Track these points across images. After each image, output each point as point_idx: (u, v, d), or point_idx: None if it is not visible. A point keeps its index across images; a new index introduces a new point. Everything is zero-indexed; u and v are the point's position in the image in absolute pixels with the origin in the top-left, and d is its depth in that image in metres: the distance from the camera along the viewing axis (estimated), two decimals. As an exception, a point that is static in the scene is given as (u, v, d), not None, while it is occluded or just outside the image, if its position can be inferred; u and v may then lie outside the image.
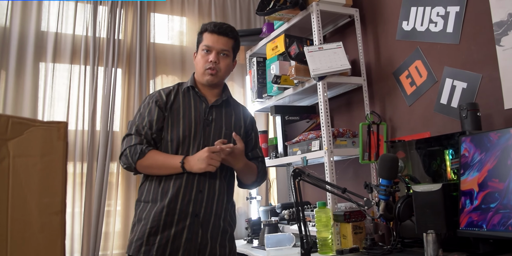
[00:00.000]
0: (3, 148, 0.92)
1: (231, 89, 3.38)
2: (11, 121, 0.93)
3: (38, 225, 0.97)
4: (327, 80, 2.46)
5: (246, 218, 3.13)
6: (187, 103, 1.93)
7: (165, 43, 3.28)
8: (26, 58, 2.80)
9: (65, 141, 1.02)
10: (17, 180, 0.94)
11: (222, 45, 1.92)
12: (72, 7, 2.96)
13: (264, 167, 2.07)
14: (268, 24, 3.07)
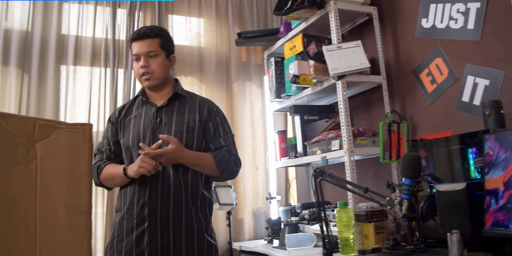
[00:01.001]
0: (31, 150, 0.93)
1: (249, 89, 3.40)
2: (38, 124, 0.94)
3: (66, 225, 0.98)
4: (346, 79, 2.44)
5: (266, 218, 3.13)
6: (139, 112, 1.99)
7: (183, 44, 3.30)
8: (47, 61, 2.85)
9: (90, 143, 1.03)
10: (45, 181, 0.95)
11: (146, 48, 1.92)
12: (92, 11, 3.00)
13: (227, 156, 1.92)
14: (285, 23, 3.07)
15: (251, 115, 3.38)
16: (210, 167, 1.89)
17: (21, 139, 0.92)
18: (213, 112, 2.00)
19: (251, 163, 3.32)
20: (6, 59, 2.77)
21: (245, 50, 3.47)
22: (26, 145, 0.93)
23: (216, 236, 3.05)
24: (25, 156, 0.92)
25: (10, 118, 0.90)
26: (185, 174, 1.88)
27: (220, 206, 2.86)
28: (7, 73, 2.77)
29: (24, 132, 0.92)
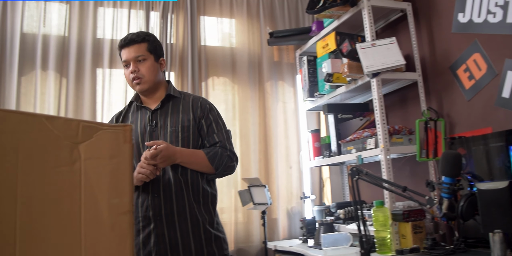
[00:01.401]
0: (75, 151, 0.95)
1: (281, 89, 3.40)
2: (81, 125, 0.97)
3: (109, 224, 1.00)
4: (381, 77, 2.41)
5: (301, 218, 3.12)
6: (135, 118, 2.02)
7: (216, 45, 3.33)
8: (84, 65, 2.92)
9: (131, 144, 1.05)
10: (88, 181, 0.98)
11: (134, 53, 1.93)
12: (126, 14, 3.06)
13: (220, 151, 1.91)
14: (317, 22, 3.05)
15: (284, 115, 3.37)
16: (203, 164, 1.89)
17: (65, 141, 0.94)
18: (206, 109, 2.00)
19: (284, 163, 3.32)
20: (45, 63, 2.86)
21: (277, 49, 3.47)
22: (70, 146, 0.95)
23: (251, 235, 3.12)
24: (69, 157, 0.95)
25: (55, 120, 0.93)
26: (185, 174, 1.89)
27: (255, 205, 2.86)
28: (46, 77, 2.86)
29: (68, 133, 0.95)
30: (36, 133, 0.90)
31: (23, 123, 0.89)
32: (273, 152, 3.28)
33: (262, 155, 3.26)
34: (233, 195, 3.13)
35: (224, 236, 1.97)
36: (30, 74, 2.87)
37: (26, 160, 0.89)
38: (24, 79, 2.85)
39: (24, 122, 0.89)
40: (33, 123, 0.90)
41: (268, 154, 3.27)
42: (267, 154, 3.27)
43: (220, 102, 3.23)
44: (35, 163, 0.90)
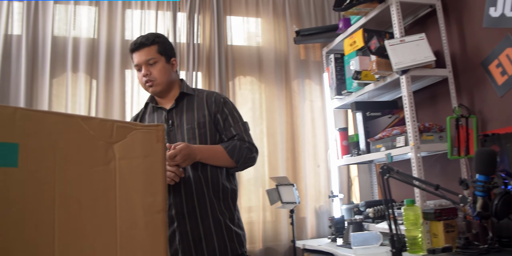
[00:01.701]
0: (110, 151, 0.97)
1: (308, 87, 3.39)
2: (116, 126, 0.98)
3: (143, 223, 1.02)
4: (410, 74, 2.38)
5: (329, 217, 3.10)
6: (151, 119, 2.05)
7: (242, 44, 3.34)
8: (113, 66, 2.98)
9: (163, 143, 1.06)
10: (123, 181, 0.99)
11: (144, 57, 1.94)
12: (153, 15, 3.10)
13: (239, 144, 1.91)
14: (344, 19, 3.03)
15: (311, 113, 3.36)
16: (224, 158, 1.88)
17: (100, 141, 0.96)
18: (220, 103, 1.99)
19: (312, 161, 3.31)
20: (75, 65, 2.92)
21: (303, 48, 3.45)
22: (105, 146, 0.97)
23: (279, 234, 3.12)
24: (104, 157, 0.97)
25: (91, 120, 0.95)
26: (204, 170, 1.89)
27: (283, 204, 2.86)
28: (77, 79, 2.92)
29: (103, 134, 0.96)
30: (72, 133, 0.92)
31: (60, 124, 0.91)
32: (300, 150, 3.27)
33: (290, 153, 3.25)
34: (261, 194, 3.13)
35: (243, 232, 1.98)
36: (61, 76, 2.93)
37: (63, 160, 0.91)
38: (56, 81, 2.92)
39: (61, 123, 0.91)
40: (69, 124, 0.92)
41: (295, 152, 3.26)
42: (294, 153, 3.26)
43: (247, 101, 3.24)
44: (71, 163, 0.92)
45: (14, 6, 2.90)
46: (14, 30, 2.88)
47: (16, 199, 0.85)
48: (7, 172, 0.84)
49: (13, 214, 0.85)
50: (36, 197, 0.87)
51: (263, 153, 3.20)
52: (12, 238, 0.84)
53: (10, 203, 0.84)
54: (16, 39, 2.86)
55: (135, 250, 1.00)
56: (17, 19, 2.89)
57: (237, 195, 2.01)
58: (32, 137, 0.87)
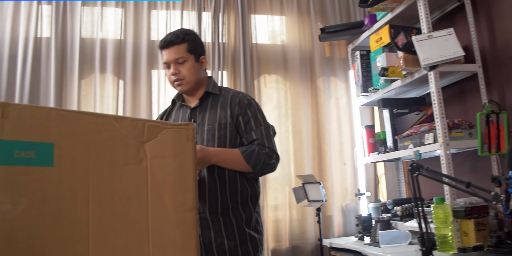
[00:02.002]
0: (141, 150, 0.99)
1: (334, 84, 3.37)
2: (147, 125, 1.00)
3: (175, 221, 1.03)
4: (439, 69, 2.34)
5: (356, 215, 3.08)
6: (176, 116, 2.02)
7: (267, 43, 3.34)
8: (140, 67, 3.02)
9: (193, 142, 1.08)
10: (155, 179, 1.01)
11: (173, 55, 1.90)
12: (178, 16, 3.13)
13: (257, 149, 1.82)
14: (370, 15, 3.00)
15: (336, 111, 3.34)
16: (240, 163, 1.81)
17: (132, 140, 0.97)
18: (244, 105, 1.91)
19: (338, 159, 3.29)
20: (103, 67, 2.98)
21: (328, 45, 3.43)
22: (137, 145, 0.98)
23: (306, 232, 3.11)
24: (136, 155, 0.98)
25: (122, 120, 0.96)
26: (222, 173, 1.83)
27: (309, 202, 2.85)
28: (104, 80, 2.98)
29: (134, 133, 0.98)
30: (105, 133, 0.94)
31: (93, 124, 0.93)
32: (326, 148, 3.25)
33: (316, 152, 3.24)
34: (287, 192, 3.13)
35: (260, 236, 1.90)
36: (89, 77, 3.00)
37: (96, 159, 0.92)
38: (84, 82, 2.98)
39: (94, 122, 0.93)
40: (102, 124, 0.94)
41: (321, 150, 3.25)
42: (320, 151, 3.25)
43: (272, 100, 3.24)
44: (105, 162, 0.93)
45: (43, 9, 2.97)
46: (44, 33, 2.96)
47: (52, 197, 0.87)
48: (43, 172, 0.86)
49: (49, 212, 0.87)
50: (71, 195, 0.89)
51: (289, 151, 3.20)
52: (48, 235, 0.86)
53: (47, 202, 0.87)
54: (45, 42, 2.94)
55: (167, 248, 1.02)
56: (46, 22, 2.97)
57: (258, 197, 1.94)
58: (67, 137, 0.89)
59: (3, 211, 0.81)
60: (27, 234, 0.84)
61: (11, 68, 2.85)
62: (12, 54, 2.86)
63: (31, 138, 0.85)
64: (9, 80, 2.84)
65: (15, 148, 0.83)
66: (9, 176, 0.82)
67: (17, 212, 0.83)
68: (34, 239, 0.84)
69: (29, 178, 0.84)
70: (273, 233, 3.09)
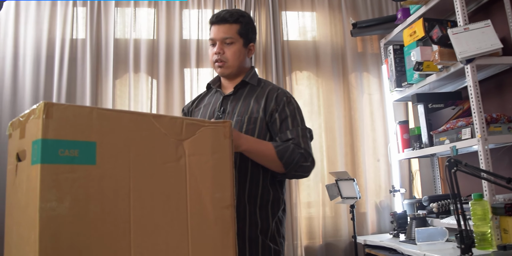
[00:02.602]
0: (180, 148, 1.00)
1: (366, 80, 3.33)
2: (185, 123, 1.01)
3: (213, 218, 1.04)
4: (475, 63, 2.28)
5: (391, 212, 3.04)
6: (209, 101, 1.87)
7: (298, 39, 3.33)
8: (173, 66, 3.06)
9: (230, 139, 1.09)
10: (193, 177, 1.02)
11: (222, 34, 1.76)
12: (210, 14, 3.15)
13: (292, 147, 1.63)
14: (403, 9, 2.95)
15: (369, 107, 3.30)
16: (271, 157, 1.60)
17: (171, 138, 0.99)
18: (282, 102, 1.75)
19: (371, 156, 3.25)
20: (137, 66, 3.03)
21: (360, 40, 3.39)
22: (175, 143, 1.00)
23: (339, 230, 3.09)
24: (175, 153, 1.00)
25: (161, 118, 0.98)
26: (244, 169, 1.65)
27: (343, 199, 2.83)
28: (138, 79, 3.03)
29: (173, 131, 1.00)
30: (145, 131, 0.96)
31: (133, 123, 0.95)
32: (359, 145, 3.22)
33: (349, 148, 3.21)
34: (321, 189, 3.12)
35: (278, 248, 1.68)
36: (123, 77, 3.05)
37: (137, 157, 0.94)
38: (118, 82, 3.04)
39: (134, 121, 0.95)
40: (142, 122, 0.96)
41: (354, 147, 3.22)
42: (353, 147, 3.22)
43: (304, 96, 3.23)
44: (145, 160, 0.95)
45: (79, 11, 3.04)
46: (79, 34, 3.03)
47: (95, 195, 0.90)
48: (86, 170, 0.89)
49: (92, 209, 0.89)
50: (113, 192, 0.92)
51: (322, 148, 3.18)
52: (91, 232, 0.88)
53: (90, 199, 0.89)
54: (81, 43, 3.01)
55: (206, 244, 1.03)
56: (81, 24, 3.04)
57: (280, 205, 1.73)
58: (108, 136, 0.92)
59: (49, 208, 0.84)
60: (72, 231, 0.86)
61: (48, 69, 2.93)
62: (49, 55, 2.95)
63: (75, 137, 0.88)
64: (47, 80, 2.92)
65: (60, 147, 0.86)
66: (54, 174, 0.85)
67: (62, 209, 0.85)
68: (78, 235, 0.87)
69: (73, 176, 0.87)
70: (306, 230, 3.09)
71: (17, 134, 0.98)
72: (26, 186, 0.91)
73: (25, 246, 0.89)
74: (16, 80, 2.89)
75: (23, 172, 0.94)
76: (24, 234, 0.90)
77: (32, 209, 0.86)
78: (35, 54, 2.93)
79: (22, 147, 0.94)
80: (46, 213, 0.83)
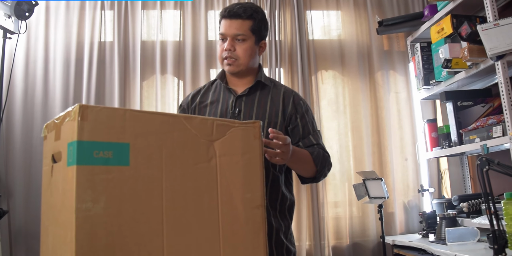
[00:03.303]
0: (211, 149, 1.01)
1: (393, 78, 3.29)
2: (215, 124, 1.02)
3: (243, 218, 1.05)
4: (506, 59, 2.24)
5: (420, 211, 3.00)
6: (216, 98, 1.76)
7: (323, 38, 3.31)
8: (199, 67, 3.09)
9: (260, 140, 1.09)
10: (224, 177, 1.03)
11: (235, 30, 1.67)
12: (235, 15, 3.16)
13: (322, 152, 1.66)
14: (430, 6, 2.90)
15: (396, 105, 3.26)
16: (309, 165, 1.62)
17: (202, 139, 1.00)
18: (300, 106, 1.74)
19: (399, 155, 3.22)
20: (163, 68, 3.07)
21: (386, 38, 3.36)
22: (206, 144, 1.01)
23: (367, 230, 3.07)
24: (206, 154, 1.01)
25: (192, 120, 0.99)
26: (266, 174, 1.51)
27: (370, 199, 2.81)
28: (165, 81, 3.07)
29: (204, 132, 1.01)
30: (176, 132, 0.97)
31: (165, 124, 0.96)
32: (387, 144, 3.19)
33: (376, 147, 3.18)
34: (347, 189, 3.10)
35: (295, 250, 1.72)
36: (150, 78, 3.10)
37: (169, 158, 0.96)
38: (146, 84, 3.09)
39: (166, 122, 0.96)
40: (173, 123, 0.97)
41: (381, 146, 3.19)
42: (380, 147, 3.19)
43: (330, 95, 3.22)
44: (177, 161, 0.97)
45: (106, 15, 3.10)
46: (107, 37, 3.09)
47: (128, 195, 0.91)
48: (120, 170, 0.90)
49: (126, 209, 0.91)
50: (146, 193, 0.93)
51: (348, 147, 3.16)
52: (126, 232, 0.90)
53: (124, 199, 0.91)
54: (109, 46, 3.07)
55: (237, 244, 1.04)
56: (109, 27, 3.10)
57: (293, 209, 1.76)
58: (141, 137, 0.93)
59: (85, 208, 0.86)
60: (106, 230, 0.88)
61: (78, 72, 3.00)
62: (78, 58, 3.01)
63: (109, 138, 0.90)
64: (76, 83, 2.98)
65: (94, 148, 0.88)
66: (89, 175, 0.87)
67: (97, 210, 0.87)
68: (113, 235, 0.88)
69: (107, 177, 0.89)
70: (333, 230, 3.07)
71: (52, 136, 1.00)
72: (62, 187, 0.93)
73: (62, 245, 0.91)
74: (47, 83, 2.96)
75: (59, 173, 0.96)
76: (61, 234, 0.92)
77: (68, 209, 0.88)
78: (65, 57, 3.00)
79: (57, 149, 0.96)
80: (82, 213, 0.85)
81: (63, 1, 3.04)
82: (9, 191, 2.79)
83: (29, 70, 2.96)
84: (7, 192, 2.78)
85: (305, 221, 2.98)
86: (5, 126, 2.82)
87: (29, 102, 2.92)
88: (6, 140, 2.83)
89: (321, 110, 3.16)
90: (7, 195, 2.77)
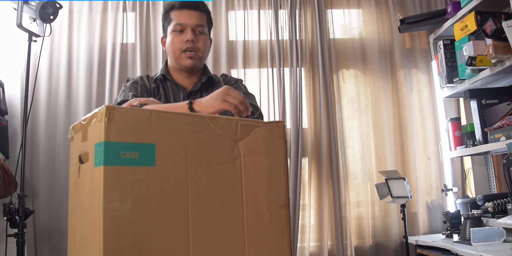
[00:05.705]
0: (235, 149, 1.01)
1: (415, 77, 3.26)
2: (240, 124, 1.02)
3: (268, 218, 1.05)
4: (533, 56, 2.20)
5: (444, 211, 2.96)
6: (167, 95, 1.67)
7: (344, 37, 3.29)
8: (220, 67, 3.10)
9: (284, 139, 1.09)
10: (248, 177, 1.03)
11: (196, 20, 1.58)
12: (256, 15, 3.17)
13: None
14: (453, 3, 2.86)
15: (419, 104, 3.22)
16: None
17: (226, 139, 1.00)
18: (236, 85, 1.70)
19: (422, 154, 3.18)
20: (184, 68, 3.08)
21: (408, 36, 3.32)
22: (231, 144, 1.01)
23: (389, 230, 3.04)
24: (230, 154, 1.01)
25: (217, 120, 1.00)
26: None
27: (393, 199, 2.78)
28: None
29: (228, 132, 1.01)
30: (201, 132, 0.97)
31: (190, 124, 0.97)
32: (409, 143, 3.16)
33: (398, 146, 3.15)
34: (369, 188, 3.08)
35: None
36: (171, 79, 3.11)
37: (194, 158, 0.96)
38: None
39: (191, 123, 0.97)
40: (198, 124, 0.97)
41: (404, 145, 3.16)
42: (403, 146, 3.16)
43: (351, 94, 3.20)
44: (202, 161, 0.97)
45: (128, 17, 3.13)
46: (129, 39, 3.12)
47: (155, 195, 0.92)
48: (146, 171, 0.91)
49: (153, 209, 0.91)
50: (172, 193, 0.94)
51: (370, 146, 3.14)
52: (152, 232, 0.91)
53: (150, 200, 0.91)
54: (131, 47, 3.10)
55: (261, 244, 1.04)
56: (131, 29, 3.13)
57: None
58: (167, 137, 0.94)
59: (112, 208, 0.87)
60: (133, 231, 0.89)
61: (100, 73, 3.03)
62: (101, 60, 3.05)
63: (135, 139, 0.90)
64: (99, 84, 3.02)
65: (121, 149, 0.89)
66: (116, 175, 0.88)
67: (124, 210, 0.88)
68: (140, 235, 0.89)
69: (134, 177, 0.89)
70: (356, 230, 3.05)
71: (79, 137, 1.01)
72: (90, 187, 0.94)
73: (90, 245, 0.92)
74: (70, 84, 3.00)
75: (86, 174, 0.97)
76: (88, 233, 0.93)
77: (96, 209, 0.89)
78: (88, 59, 3.04)
79: (84, 150, 0.98)
80: (109, 213, 0.86)
81: (86, 1, 3.08)
82: (34, 191, 2.84)
83: (52, 73, 3.00)
84: (33, 192, 2.83)
85: (327, 220, 2.97)
86: (30, 127, 2.87)
87: (53, 103, 2.97)
88: (31, 141, 2.89)
89: (343, 109, 3.14)
90: (32, 195, 2.82)
